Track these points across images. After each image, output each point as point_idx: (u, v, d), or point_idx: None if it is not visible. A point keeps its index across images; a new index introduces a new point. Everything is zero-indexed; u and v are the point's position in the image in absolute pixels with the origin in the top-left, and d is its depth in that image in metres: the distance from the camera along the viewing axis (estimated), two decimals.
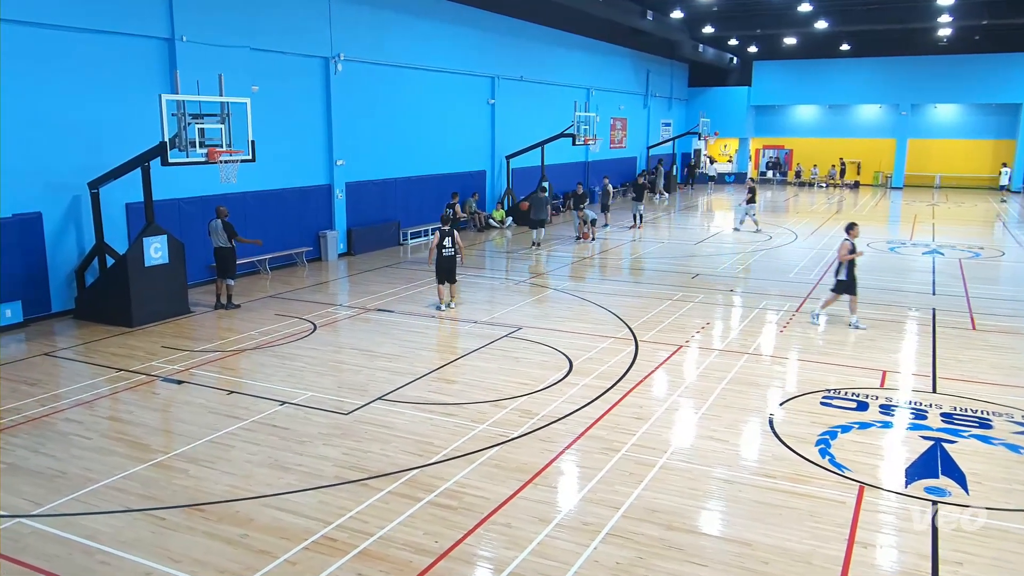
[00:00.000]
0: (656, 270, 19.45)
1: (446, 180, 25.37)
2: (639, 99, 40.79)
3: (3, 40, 13.03)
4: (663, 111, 44.60)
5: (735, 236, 25.86)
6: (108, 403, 10.03)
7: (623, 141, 39.45)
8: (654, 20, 32.13)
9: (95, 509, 7.17)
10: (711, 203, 37.37)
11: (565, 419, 9.33)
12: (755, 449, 8.62)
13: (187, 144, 12.91)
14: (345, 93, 20.57)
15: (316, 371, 11.24)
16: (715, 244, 23.87)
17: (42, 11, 13.52)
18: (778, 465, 8.10)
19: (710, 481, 7.74)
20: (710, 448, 8.52)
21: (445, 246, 14.60)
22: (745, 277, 18.47)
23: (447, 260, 14.64)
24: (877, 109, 45.30)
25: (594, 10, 28.24)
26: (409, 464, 8.10)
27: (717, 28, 36.20)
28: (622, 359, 11.77)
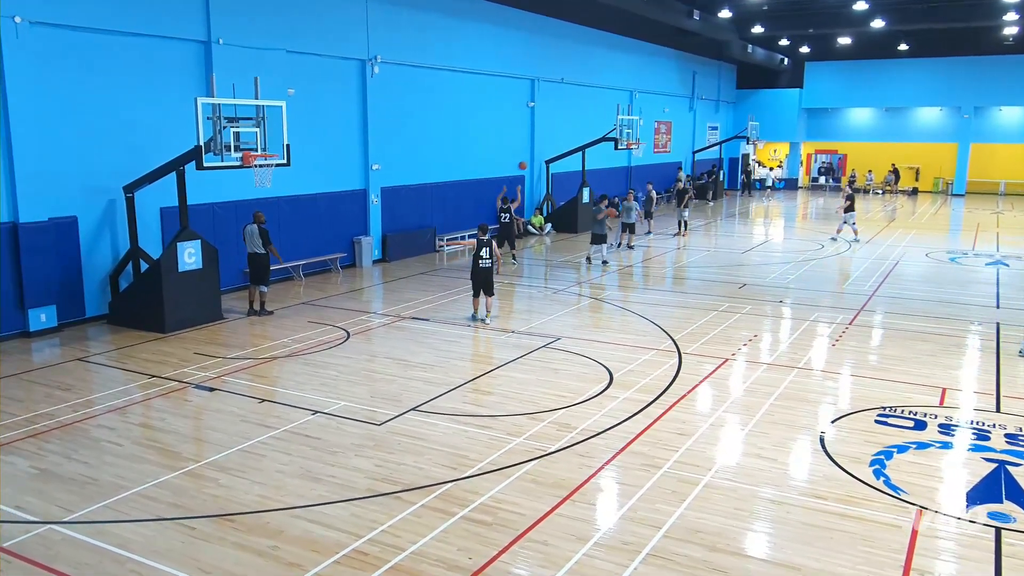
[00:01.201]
0: (701, 279, 19.28)
1: (484, 185, 25.45)
2: (684, 102, 40.55)
3: (40, 43, 13.42)
4: (709, 114, 44.28)
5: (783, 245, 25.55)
6: (140, 409, 10.24)
7: (667, 145, 39.24)
8: (701, 20, 31.95)
9: (126, 517, 7.31)
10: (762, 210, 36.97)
11: (605, 433, 9.28)
12: (805, 468, 8.48)
13: (222, 148, 13.15)
14: (381, 96, 20.79)
15: (349, 380, 11.35)
16: (764, 253, 23.59)
17: (79, 14, 13.90)
18: (829, 486, 7.96)
19: (756, 501, 7.63)
20: (757, 466, 8.40)
21: (482, 257, 14.43)
22: (795, 288, 18.21)
23: (483, 271, 14.49)
24: (937, 112, 44.42)
25: (638, 10, 28.17)
26: (443, 477, 8.12)
27: (767, 28, 35.85)
28: (665, 372, 11.68)
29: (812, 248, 24.02)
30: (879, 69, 43.45)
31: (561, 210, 28.06)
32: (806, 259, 22.21)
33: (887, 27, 33.90)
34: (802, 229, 30.50)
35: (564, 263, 21.81)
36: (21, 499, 7.65)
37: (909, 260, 22.05)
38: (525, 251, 24.01)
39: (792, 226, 31.68)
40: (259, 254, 15.07)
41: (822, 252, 23.32)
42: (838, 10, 33.60)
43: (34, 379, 11.45)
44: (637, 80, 34.40)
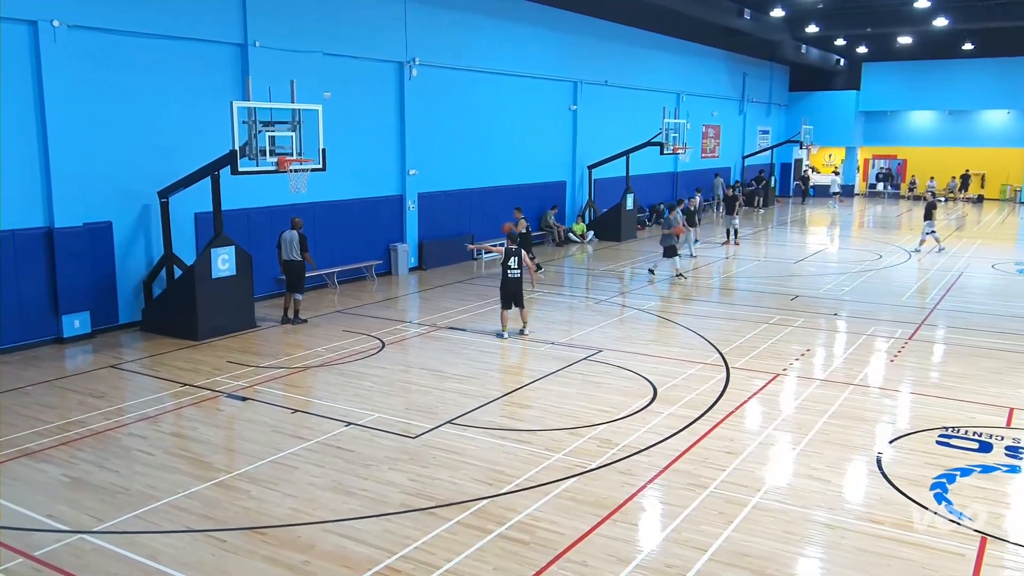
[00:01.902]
0: (751, 290, 19.08)
1: (524, 191, 25.52)
2: (734, 104, 40.25)
3: (77, 47, 13.80)
4: (760, 117, 43.88)
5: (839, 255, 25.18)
6: (172, 418, 10.43)
7: (716, 150, 38.96)
8: (752, 19, 31.70)
9: (157, 528, 7.44)
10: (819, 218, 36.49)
11: (648, 451, 9.22)
12: (860, 491, 8.34)
13: (257, 152, 13.37)
14: (419, 99, 20.98)
15: (383, 391, 11.43)
16: (817, 263, 23.27)
17: (116, 17, 14.27)
18: (886, 510, 7.80)
19: (808, 525, 7.51)
20: (809, 488, 8.28)
21: (510, 267, 14.20)
22: (851, 300, 17.92)
23: (513, 282, 14.26)
24: (1004, 115, 43.42)
25: (686, 9, 28.04)
26: (479, 493, 8.13)
27: (822, 27, 35.43)
28: (712, 387, 11.57)
29: (870, 258, 23.63)
30: (942, 70, 42.62)
31: (604, 217, 28.00)
32: (863, 269, 21.85)
33: (950, 25, 33.27)
34: (859, 238, 30.05)
35: (606, 272, 21.74)
36: (53, 508, 7.83)
37: (974, 271, 21.58)
38: (566, 260, 24.00)
39: (848, 235, 31.21)
40: (295, 261, 15.26)
41: (880, 262, 22.93)
42: (898, 8, 33.09)
43: (67, 386, 11.73)
44: (684, 82, 34.24)
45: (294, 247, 15.24)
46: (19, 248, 13.37)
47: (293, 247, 15.24)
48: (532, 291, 16.61)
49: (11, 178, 13.23)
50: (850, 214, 37.85)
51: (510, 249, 14.30)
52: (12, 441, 9.51)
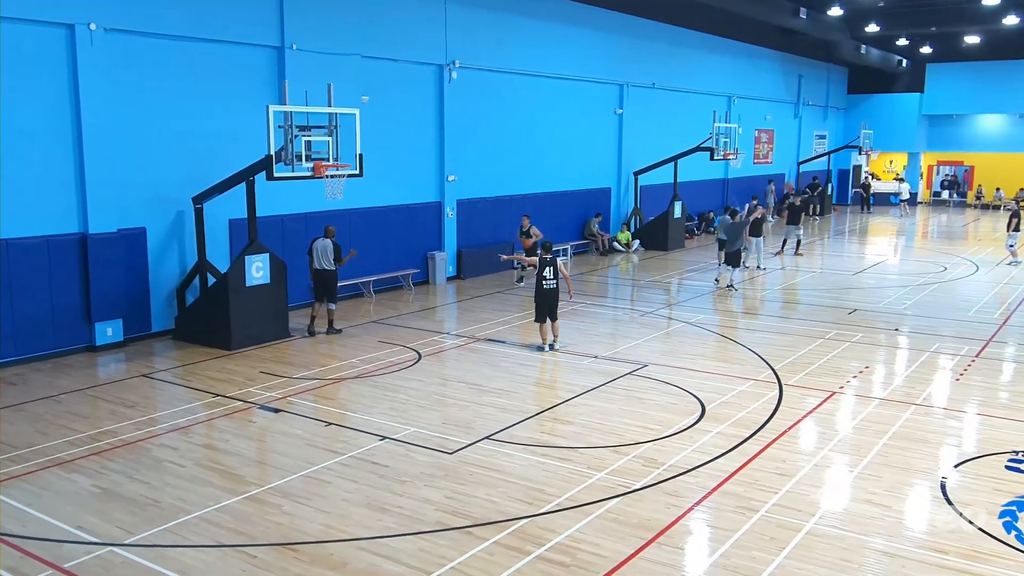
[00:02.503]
0: (806, 303, 18.83)
1: (567, 198, 25.54)
2: (789, 108, 39.86)
3: (114, 51, 14.14)
4: (817, 122, 43.38)
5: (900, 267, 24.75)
6: (204, 429, 10.59)
7: (769, 156, 38.59)
8: (808, 19, 31.38)
9: (187, 542, 7.55)
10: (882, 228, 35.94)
11: (695, 471, 9.14)
12: (922, 518, 8.17)
13: (293, 158, 13.55)
14: (459, 103, 21.12)
15: (419, 404, 11.48)
16: (877, 275, 22.89)
17: (153, 20, 14.61)
18: (951, 538, 7.63)
19: (866, 553, 7.37)
20: (867, 513, 8.13)
21: (546, 277, 14.12)
22: (914, 314, 17.60)
23: (548, 294, 14.17)
24: None
25: (738, 8, 27.86)
26: (517, 513, 8.11)
27: (883, 26, 34.96)
28: (763, 405, 11.44)
29: (933, 270, 23.18)
30: (1012, 71, 41.70)
31: (650, 225, 27.87)
32: (926, 282, 21.45)
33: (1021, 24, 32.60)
34: (922, 249, 29.51)
35: (652, 283, 21.62)
36: (83, 519, 7.99)
37: None
38: (610, 269, 23.93)
39: (911, 245, 30.68)
40: (328, 270, 15.42)
41: (945, 275, 22.48)
42: (965, 6, 32.50)
43: (99, 394, 11.98)
44: (736, 85, 34.01)
45: (327, 256, 15.37)
46: (53, 254, 13.71)
47: (326, 256, 15.38)
48: (571, 302, 16.54)
49: (46, 183, 13.59)
50: (913, 224, 37.20)
51: (544, 259, 14.24)
52: (43, 450, 9.73)
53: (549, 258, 14.27)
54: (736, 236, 20.20)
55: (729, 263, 20.14)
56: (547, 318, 14.32)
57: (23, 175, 13.28)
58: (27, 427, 10.54)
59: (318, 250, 15.43)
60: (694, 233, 31.17)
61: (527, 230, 20.69)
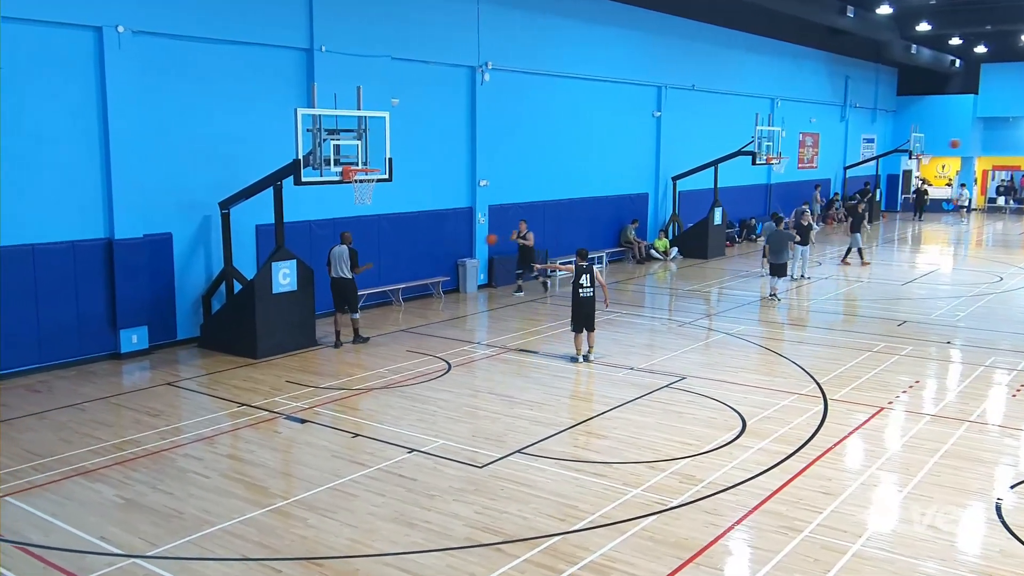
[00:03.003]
0: (853, 314, 18.62)
1: (602, 204, 25.50)
2: (835, 110, 39.49)
3: (142, 53, 14.39)
4: (864, 125, 42.94)
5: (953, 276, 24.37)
6: (229, 440, 10.70)
7: (814, 160, 38.25)
8: (856, 17, 31.09)
9: (211, 555, 7.63)
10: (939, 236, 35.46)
11: (735, 488, 9.06)
12: (977, 541, 8.03)
13: (321, 162, 13.67)
14: (491, 106, 21.20)
15: (449, 416, 11.51)
16: (928, 285, 22.57)
17: (181, 22, 14.85)
18: (1007, 563, 7.49)
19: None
20: (917, 536, 8.01)
21: (582, 285, 14.02)
22: (967, 327, 17.32)
23: (585, 303, 14.08)
24: None
25: (783, 7, 27.70)
26: (550, 529, 8.10)
27: (935, 25, 34.54)
28: (807, 420, 11.32)
29: (989, 280, 22.80)
30: None
31: (689, 233, 27.74)
32: (981, 293, 21.10)
33: None
34: (976, 258, 29.04)
35: (691, 292, 21.50)
36: (106, 530, 8.10)
37: None
38: (647, 278, 23.83)
39: (963, 254, 30.21)
40: (345, 279, 15.40)
41: (1000, 285, 22.10)
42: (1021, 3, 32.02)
43: (123, 403, 12.17)
44: (780, 86, 33.78)
45: (344, 263, 15.36)
46: (79, 260, 13.96)
47: (343, 263, 15.37)
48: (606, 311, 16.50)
49: (72, 188, 13.86)
50: (967, 231, 36.64)
51: (580, 266, 14.18)
52: (67, 459, 9.90)
53: (585, 265, 14.21)
54: (781, 246, 19.96)
55: (775, 274, 19.95)
56: (583, 328, 14.28)
57: (49, 180, 13.55)
58: (51, 435, 10.73)
59: (335, 257, 15.44)
60: (735, 241, 30.96)
61: (524, 234, 20.55)
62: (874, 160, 42.32)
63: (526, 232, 20.54)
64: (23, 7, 12.81)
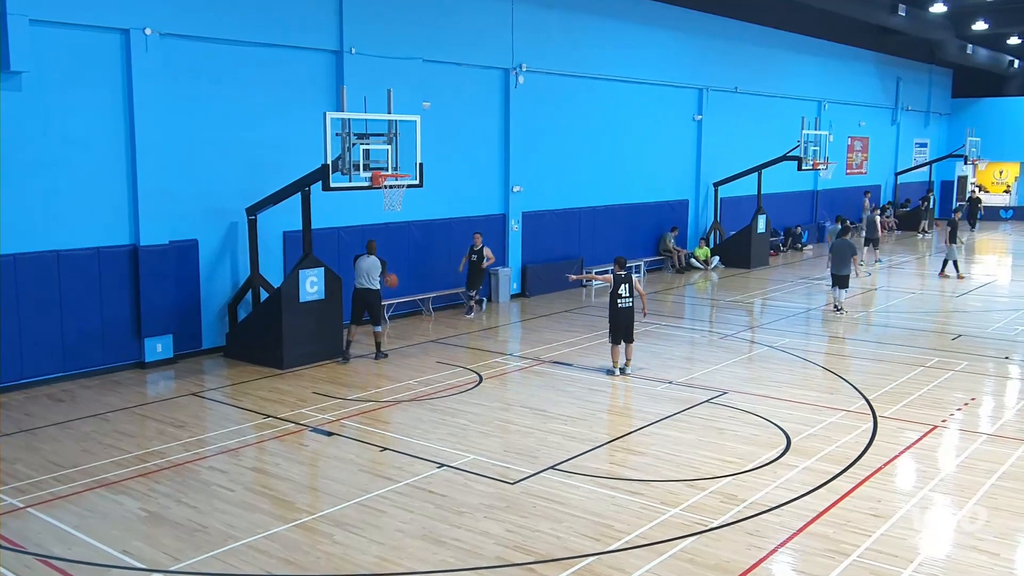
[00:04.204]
0: (904, 327, 18.38)
1: (641, 210, 25.44)
2: (886, 113, 39.11)
3: (169, 56, 14.62)
4: (917, 128, 42.47)
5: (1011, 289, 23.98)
6: (254, 452, 10.80)
7: (863, 165, 37.91)
8: (908, 16, 30.80)
9: (235, 571, 7.69)
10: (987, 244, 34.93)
11: (779, 509, 8.97)
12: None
13: (350, 167, 13.77)
14: (525, 109, 21.25)
15: (480, 431, 11.52)
16: (985, 297, 22.22)
17: (209, 24, 15.07)
18: None
19: None
20: (974, 561, 7.88)
21: (621, 295, 13.98)
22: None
23: (624, 313, 14.03)
24: None
25: (831, 6, 27.53)
26: (584, 550, 8.07)
27: (992, 24, 34.14)
28: (856, 438, 11.19)
29: None
30: None
31: (731, 241, 27.58)
32: None
33: None
34: None
35: (734, 303, 21.35)
36: (129, 543, 8.20)
37: None
38: (687, 287, 23.71)
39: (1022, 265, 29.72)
40: (373, 290, 15.24)
41: None
42: None
43: (147, 413, 12.33)
44: (827, 88, 33.54)
45: (373, 275, 15.19)
46: (104, 266, 14.18)
47: (372, 275, 15.19)
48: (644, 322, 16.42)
49: (98, 193, 14.09)
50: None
51: (619, 275, 14.14)
52: (90, 470, 10.04)
53: (624, 274, 14.17)
54: (844, 256, 19.54)
55: (837, 285, 19.67)
56: (622, 339, 14.23)
57: (75, 184, 13.79)
58: (74, 446, 10.90)
59: (363, 268, 15.21)
60: (779, 249, 30.72)
61: (479, 249, 19.02)
62: (927, 165, 41.82)
63: (482, 247, 19.07)
64: (50, 10, 13.07)
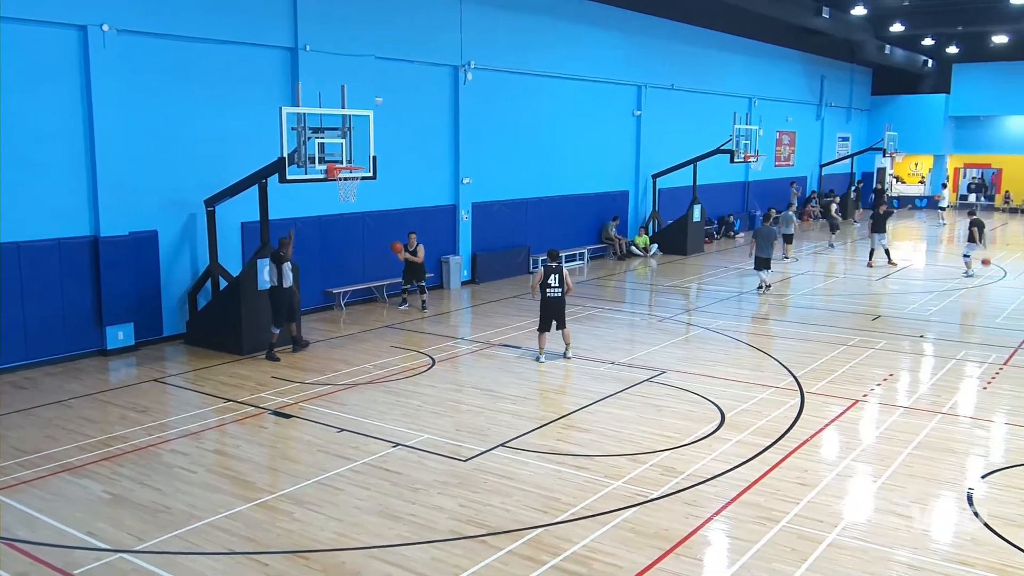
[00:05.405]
0: (828, 309, 18.72)
1: (583, 201, 25.51)
2: (811, 109, 39.69)
3: (126, 52, 14.25)
4: (840, 123, 43.17)
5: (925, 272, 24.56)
6: (215, 435, 10.64)
7: (791, 158, 38.43)
8: (831, 18, 31.25)
9: (198, 549, 7.58)
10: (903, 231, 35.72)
11: (714, 480, 9.10)
12: (949, 530, 8.11)
13: (306, 160, 13.59)
14: (474, 104, 21.16)
15: (433, 411, 11.49)
16: (902, 280, 22.73)
17: (166, 21, 14.72)
18: (979, 551, 7.56)
19: (891, 565, 7.31)
20: (891, 525, 8.07)
21: (551, 285, 13.91)
22: (939, 321, 17.46)
23: (553, 303, 13.96)
24: None
25: (759, 8, 27.80)
26: (533, 522, 8.11)
27: (908, 26, 34.80)
28: (784, 413, 11.37)
29: (960, 276, 22.99)
30: None
31: (669, 229, 27.81)
32: (952, 288, 21.28)
33: None
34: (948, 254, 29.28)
35: (671, 288, 21.56)
36: (93, 525, 8.04)
37: None
38: (628, 274, 23.88)
39: (935, 250, 30.46)
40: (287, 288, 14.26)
41: (971, 281, 22.29)
42: (992, 5, 32.31)
43: (109, 399, 12.06)
44: (757, 86, 33.91)
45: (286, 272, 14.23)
46: (64, 257, 13.83)
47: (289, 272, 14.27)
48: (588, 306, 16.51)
49: (57, 185, 13.71)
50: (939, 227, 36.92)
51: (550, 267, 14.07)
52: (54, 455, 9.81)
53: (555, 266, 14.14)
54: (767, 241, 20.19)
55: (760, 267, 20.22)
56: (551, 327, 14.11)
57: (34, 178, 13.40)
58: (37, 432, 10.63)
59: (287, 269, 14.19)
60: (714, 237, 31.07)
61: (414, 249, 18.31)
62: (849, 158, 42.57)
63: (416, 246, 18.41)
64: (6, 6, 12.65)
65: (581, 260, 25.06)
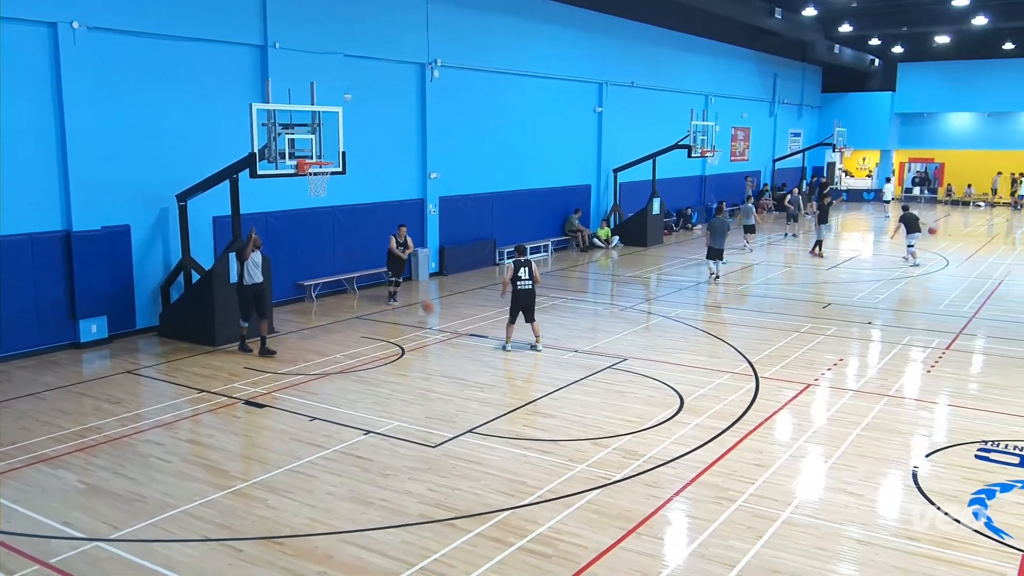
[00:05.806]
0: (782, 298, 18.94)
1: (547, 195, 25.53)
2: (764, 106, 40.05)
3: (97, 49, 13.98)
4: (792, 120, 43.62)
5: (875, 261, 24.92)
6: (189, 425, 10.52)
7: (745, 153, 38.77)
8: (783, 19, 31.55)
9: (173, 536, 7.50)
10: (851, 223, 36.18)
11: (674, 462, 9.17)
12: (895, 506, 8.26)
13: (276, 155, 13.45)
14: (441, 101, 21.06)
15: (403, 399, 11.46)
16: (851, 270, 23.06)
17: (137, 19, 14.46)
18: (923, 526, 7.71)
19: (841, 541, 7.43)
20: (841, 503, 8.20)
21: (520, 278, 13.95)
22: (886, 308, 17.75)
23: (523, 295, 13.97)
24: None
25: (715, 8, 27.96)
26: (500, 505, 8.12)
27: (856, 26, 35.21)
28: (740, 397, 11.50)
29: (905, 265, 23.38)
30: (981, 70, 42.16)
31: (629, 222, 27.93)
32: (898, 277, 21.63)
33: (990, 24, 32.94)
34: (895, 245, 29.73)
35: (632, 278, 21.67)
36: (68, 515, 7.92)
37: (1014, 279, 21.28)
38: (590, 265, 23.97)
39: (882, 241, 30.92)
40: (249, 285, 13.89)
41: (916, 270, 22.67)
42: (935, 6, 32.81)
43: (83, 391, 11.87)
44: (713, 83, 34.13)
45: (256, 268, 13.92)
46: (37, 252, 13.56)
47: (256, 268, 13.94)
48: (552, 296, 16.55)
49: (29, 181, 13.43)
50: (885, 219, 37.47)
51: (519, 261, 14.12)
52: (28, 447, 9.63)
53: (524, 260, 14.20)
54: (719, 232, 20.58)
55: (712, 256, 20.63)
56: (520, 318, 14.11)
57: (6, 173, 13.09)
58: (11, 424, 10.43)
59: (253, 263, 13.85)
60: (672, 229, 31.26)
61: (404, 241, 17.88)
62: (801, 153, 43.03)
63: (406, 238, 17.96)
64: None
65: (545, 252, 25.10)
